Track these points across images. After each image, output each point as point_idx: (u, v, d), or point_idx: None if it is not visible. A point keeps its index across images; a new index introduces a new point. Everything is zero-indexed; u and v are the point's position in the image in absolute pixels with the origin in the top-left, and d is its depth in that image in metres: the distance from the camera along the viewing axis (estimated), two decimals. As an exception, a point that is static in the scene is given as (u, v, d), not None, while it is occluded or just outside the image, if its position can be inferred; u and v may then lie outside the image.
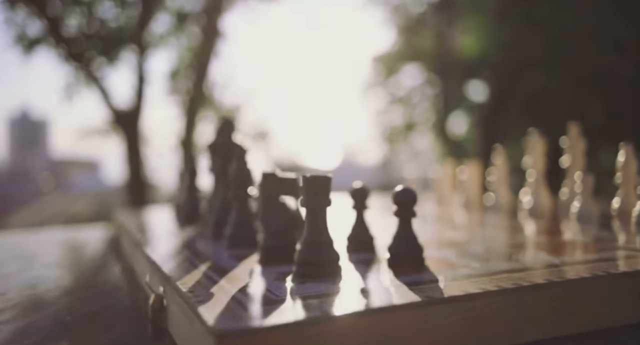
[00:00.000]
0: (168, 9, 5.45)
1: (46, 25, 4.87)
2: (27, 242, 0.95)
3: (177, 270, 0.44)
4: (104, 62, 5.18)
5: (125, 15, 5.33)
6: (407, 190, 0.47)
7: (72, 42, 5.00)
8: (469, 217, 0.87)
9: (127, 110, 5.22)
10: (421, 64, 5.87)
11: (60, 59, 5.11)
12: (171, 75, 5.68)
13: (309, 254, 0.42)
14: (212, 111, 5.66)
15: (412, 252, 0.46)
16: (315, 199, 0.42)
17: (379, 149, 7.07)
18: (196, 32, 5.50)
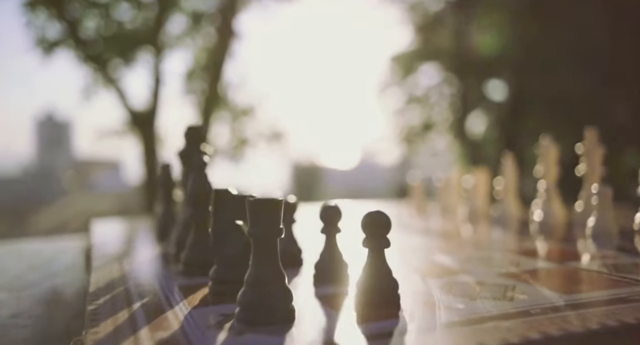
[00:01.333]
0: (183, 9, 5.43)
1: (65, 27, 4.90)
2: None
3: (101, 311, 0.38)
4: (120, 64, 5.20)
5: (142, 17, 5.34)
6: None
7: (90, 44, 5.02)
8: (470, 233, 0.78)
9: (143, 111, 5.23)
10: (439, 63, 5.73)
11: (79, 61, 5.14)
12: (187, 75, 5.67)
13: (252, 295, 0.35)
14: (226, 111, 5.63)
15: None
16: (262, 227, 0.35)
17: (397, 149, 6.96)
18: (211, 33, 5.48)
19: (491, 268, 0.51)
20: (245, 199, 0.44)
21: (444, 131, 6.05)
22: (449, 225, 0.87)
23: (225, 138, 5.67)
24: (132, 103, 5.23)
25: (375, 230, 0.39)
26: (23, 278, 0.68)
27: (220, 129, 5.62)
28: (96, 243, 0.70)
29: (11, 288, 0.63)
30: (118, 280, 0.48)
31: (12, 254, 0.87)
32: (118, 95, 5.22)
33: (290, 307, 0.36)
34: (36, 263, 0.78)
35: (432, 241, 0.71)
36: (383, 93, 6.47)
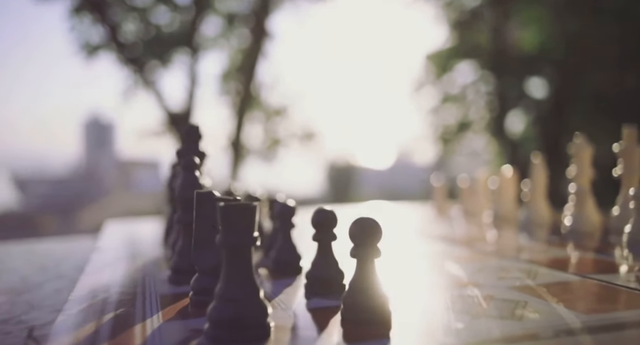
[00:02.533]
0: (218, 11, 5.50)
1: (107, 31, 5.04)
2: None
3: (69, 322, 0.35)
4: (158, 65, 5.31)
5: (179, 20, 5.43)
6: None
7: (129, 47, 5.15)
8: (490, 239, 0.73)
9: (179, 111, 5.32)
10: (475, 60, 5.57)
11: (120, 64, 5.28)
12: (222, 76, 5.73)
13: (221, 310, 0.32)
14: (259, 112, 5.66)
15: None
16: (234, 235, 0.32)
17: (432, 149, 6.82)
18: (245, 34, 5.52)
19: (505, 280, 0.47)
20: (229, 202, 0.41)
21: (480, 130, 5.89)
22: (470, 230, 0.82)
23: (258, 138, 5.70)
24: (169, 104, 5.33)
25: (364, 238, 0.36)
26: (27, 280, 0.68)
27: (253, 129, 5.65)
28: (101, 245, 0.69)
29: (12, 291, 0.62)
30: (104, 287, 0.46)
31: (26, 254, 0.87)
32: (156, 97, 5.33)
33: (264, 324, 0.33)
34: (46, 264, 0.78)
35: (446, 247, 0.66)
36: (418, 92, 6.36)
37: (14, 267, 0.76)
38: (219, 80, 5.72)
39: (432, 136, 6.48)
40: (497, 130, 5.34)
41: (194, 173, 0.48)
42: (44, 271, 0.73)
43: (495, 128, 5.38)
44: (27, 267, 0.75)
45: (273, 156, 5.75)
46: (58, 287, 0.64)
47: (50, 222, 9.29)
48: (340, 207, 1.31)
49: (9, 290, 0.63)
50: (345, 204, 2.25)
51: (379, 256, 0.36)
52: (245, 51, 5.45)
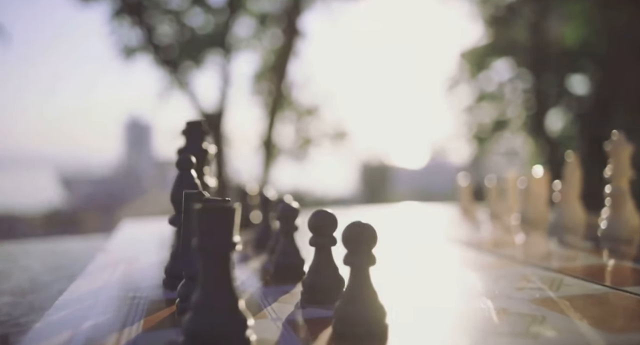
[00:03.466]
0: (251, 11, 5.53)
1: (144, 34, 5.15)
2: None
3: (45, 330, 0.34)
4: (192, 66, 5.38)
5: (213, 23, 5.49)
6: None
7: (164, 49, 5.24)
8: (515, 244, 0.68)
9: (213, 112, 5.38)
10: (512, 57, 5.41)
11: (155, 65, 5.38)
12: (255, 76, 5.77)
13: (197, 321, 0.29)
14: (291, 111, 5.66)
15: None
16: (211, 240, 0.29)
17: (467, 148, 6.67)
18: (277, 34, 5.53)
19: (523, 291, 0.42)
20: (219, 204, 0.38)
21: (517, 129, 5.72)
22: (495, 233, 0.77)
23: (289, 138, 5.71)
24: (202, 104, 5.40)
25: (357, 245, 0.32)
26: (36, 280, 0.67)
27: (285, 129, 5.66)
28: (108, 246, 0.68)
29: (18, 291, 0.61)
30: (95, 290, 0.44)
31: (43, 253, 0.87)
32: (189, 97, 5.41)
33: (242, 338, 0.30)
34: (60, 264, 0.77)
35: (465, 252, 0.62)
36: (452, 90, 6.23)
37: (27, 267, 0.76)
38: (251, 80, 5.75)
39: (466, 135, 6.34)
40: (535, 129, 5.17)
41: (189, 172, 0.45)
42: (55, 271, 0.72)
43: (532, 127, 5.20)
44: (39, 267, 0.75)
45: (304, 156, 5.74)
46: (64, 289, 0.63)
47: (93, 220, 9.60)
48: (372, 208, 1.28)
49: (16, 290, 0.62)
50: (378, 204, 2.21)
51: (374, 264, 0.33)
52: (277, 51, 5.46)
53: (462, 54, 6.06)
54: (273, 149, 5.39)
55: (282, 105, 5.49)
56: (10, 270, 0.74)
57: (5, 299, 0.58)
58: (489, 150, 6.33)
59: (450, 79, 6.15)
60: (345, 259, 0.33)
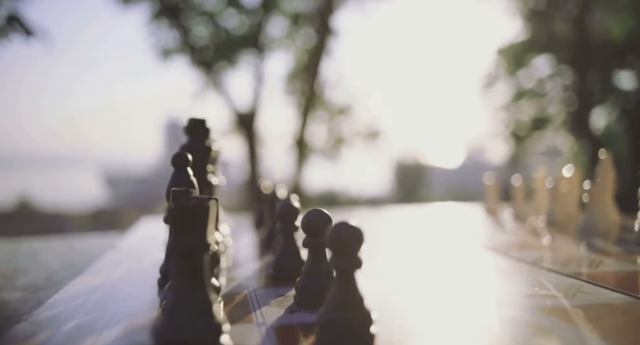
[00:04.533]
0: (284, 11, 5.55)
1: (181, 35, 5.25)
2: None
3: (18, 336, 0.33)
4: (226, 66, 5.45)
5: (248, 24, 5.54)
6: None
7: (200, 50, 5.33)
8: (536, 247, 0.64)
9: (246, 111, 5.44)
10: (552, 53, 5.22)
11: (191, 66, 5.48)
12: (288, 76, 5.79)
13: (169, 325, 0.28)
14: (323, 110, 5.64)
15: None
16: (180, 241, 0.28)
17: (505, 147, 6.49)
18: (310, 33, 5.53)
19: (534, 298, 0.39)
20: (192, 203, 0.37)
21: (558, 127, 5.52)
22: (516, 235, 0.73)
23: (322, 137, 5.70)
24: (236, 104, 5.47)
25: (343, 247, 0.30)
26: (51, 276, 0.68)
27: (317, 128, 5.66)
28: (121, 243, 0.68)
29: (30, 287, 0.62)
30: (90, 290, 0.44)
31: (65, 250, 0.89)
32: (224, 97, 5.48)
33: (216, 342, 0.28)
34: (76, 260, 0.78)
35: (479, 255, 0.59)
36: (489, 87, 6.07)
37: (46, 263, 0.77)
38: (284, 80, 5.78)
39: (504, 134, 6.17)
40: (577, 127, 4.97)
41: (185, 169, 0.44)
42: (71, 268, 0.73)
43: (574, 125, 5.01)
44: (57, 264, 0.76)
45: (337, 155, 5.72)
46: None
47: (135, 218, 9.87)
48: (403, 208, 1.25)
49: (29, 286, 0.63)
50: (413, 204, 2.16)
51: (360, 267, 0.30)
52: (310, 50, 5.46)
53: (499, 50, 5.90)
54: (305, 148, 5.39)
55: (314, 105, 5.48)
56: (27, 267, 0.76)
57: (17, 295, 0.59)
58: (528, 149, 6.14)
59: (487, 76, 6.00)
60: (330, 262, 0.31)
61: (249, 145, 5.48)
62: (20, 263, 0.80)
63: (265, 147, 5.64)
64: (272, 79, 6.60)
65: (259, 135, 5.49)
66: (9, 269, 0.74)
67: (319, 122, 5.68)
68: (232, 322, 0.34)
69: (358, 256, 0.30)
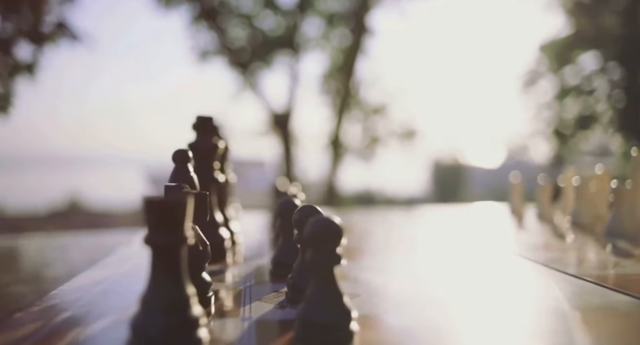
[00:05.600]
0: (319, 11, 5.56)
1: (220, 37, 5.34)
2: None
3: (15, 324, 0.34)
4: (262, 67, 5.51)
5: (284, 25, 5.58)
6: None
7: (237, 52, 5.42)
8: (557, 248, 0.61)
9: (282, 112, 5.48)
10: (599, 49, 5.01)
11: (228, 67, 5.57)
12: (323, 76, 5.79)
13: (144, 319, 0.28)
14: (358, 110, 5.62)
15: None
16: (155, 235, 0.28)
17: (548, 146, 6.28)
18: (345, 33, 5.52)
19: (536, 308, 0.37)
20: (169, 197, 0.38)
21: (605, 126, 5.29)
22: (538, 236, 0.70)
23: (357, 137, 5.68)
24: (272, 104, 5.52)
25: (321, 243, 0.30)
26: (72, 270, 0.70)
27: (352, 128, 5.64)
28: (135, 239, 0.70)
29: (50, 281, 0.64)
30: (91, 284, 0.45)
31: (92, 244, 0.92)
32: (259, 98, 5.55)
33: (192, 336, 0.28)
34: (98, 256, 0.81)
35: (494, 254, 0.57)
36: (530, 85, 5.89)
37: (70, 258, 0.80)
38: (320, 79, 5.79)
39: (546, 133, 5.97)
40: (625, 126, 4.76)
41: (185, 166, 0.45)
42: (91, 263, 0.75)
43: (622, 123, 4.79)
44: (81, 258, 0.79)
45: (372, 155, 5.69)
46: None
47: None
48: (437, 207, 1.23)
49: (49, 280, 0.65)
50: (451, 204, 2.13)
51: (339, 263, 0.30)
52: (346, 50, 5.45)
53: (542, 46, 5.72)
54: (340, 148, 5.38)
55: (349, 104, 5.47)
56: (53, 261, 0.79)
57: (20, 288, 0.61)
58: (573, 149, 5.92)
59: (528, 73, 5.82)
60: (308, 258, 0.30)
61: (284, 145, 5.52)
62: (50, 256, 0.84)
63: (300, 147, 5.67)
64: (308, 79, 6.61)
65: (294, 135, 5.52)
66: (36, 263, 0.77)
67: (354, 121, 5.66)
68: (219, 317, 0.35)
69: (337, 252, 0.30)
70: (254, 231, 0.80)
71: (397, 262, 0.54)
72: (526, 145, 7.24)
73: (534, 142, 6.66)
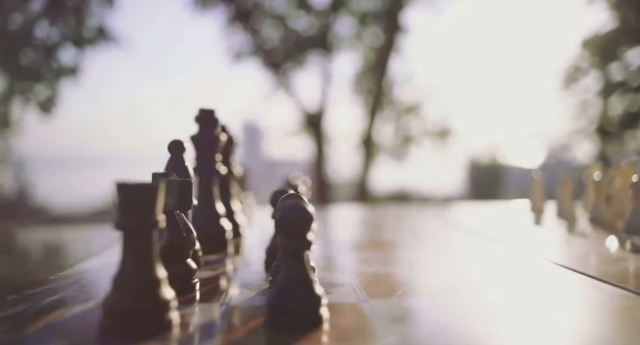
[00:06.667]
0: (352, 10, 5.55)
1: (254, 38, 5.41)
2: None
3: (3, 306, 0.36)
4: (294, 67, 5.54)
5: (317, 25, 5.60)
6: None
7: (270, 52, 5.47)
8: (570, 245, 0.59)
9: (314, 111, 5.49)
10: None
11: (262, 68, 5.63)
12: (356, 75, 5.77)
13: (116, 300, 0.29)
14: (391, 109, 5.57)
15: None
16: (126, 218, 0.29)
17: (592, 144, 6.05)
18: (378, 32, 5.49)
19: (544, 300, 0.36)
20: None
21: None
22: (555, 234, 0.67)
23: (389, 136, 5.62)
24: (305, 104, 5.54)
25: (290, 228, 0.30)
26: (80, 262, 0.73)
27: (384, 127, 5.59)
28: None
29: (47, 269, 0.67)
30: (88, 271, 0.46)
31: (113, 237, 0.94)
32: (293, 97, 5.58)
33: (161, 317, 0.29)
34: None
35: (503, 253, 0.55)
36: (572, 82, 5.69)
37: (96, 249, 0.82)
38: (352, 79, 5.77)
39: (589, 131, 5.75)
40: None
41: (180, 156, 0.46)
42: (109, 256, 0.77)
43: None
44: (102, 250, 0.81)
45: (404, 154, 5.62)
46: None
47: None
48: (476, 205, 1.21)
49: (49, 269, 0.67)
50: (487, 202, 2.09)
51: (309, 249, 0.30)
52: (378, 49, 5.42)
53: (584, 41, 5.51)
54: (373, 147, 5.35)
55: (382, 103, 5.43)
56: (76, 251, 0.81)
57: (38, 275, 0.64)
58: (618, 147, 5.68)
59: (569, 69, 5.62)
60: (279, 244, 0.30)
61: (317, 144, 5.53)
62: (72, 248, 0.86)
63: (332, 147, 5.66)
64: (340, 79, 6.60)
65: (326, 135, 5.53)
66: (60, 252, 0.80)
67: (387, 120, 5.61)
68: (201, 301, 0.35)
69: (307, 237, 0.30)
70: (266, 224, 0.80)
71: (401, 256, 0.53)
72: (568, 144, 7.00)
73: (577, 140, 6.43)
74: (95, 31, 4.40)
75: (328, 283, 0.40)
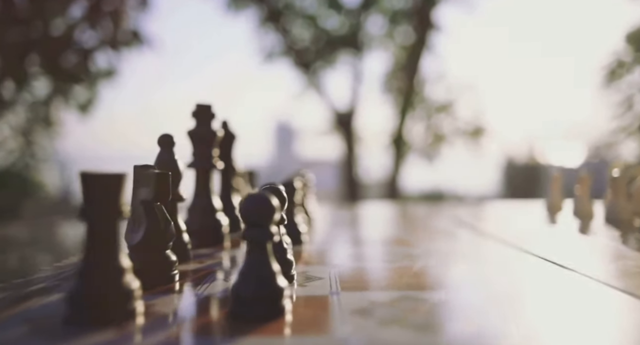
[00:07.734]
0: (383, 9, 5.50)
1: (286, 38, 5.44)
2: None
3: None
4: (325, 66, 5.54)
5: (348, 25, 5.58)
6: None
7: (301, 52, 5.49)
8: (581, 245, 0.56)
9: (345, 111, 5.48)
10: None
11: (293, 68, 5.66)
12: (386, 74, 5.72)
13: (78, 288, 0.29)
14: (422, 108, 5.49)
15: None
16: (89, 208, 0.29)
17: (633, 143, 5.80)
18: (409, 31, 5.42)
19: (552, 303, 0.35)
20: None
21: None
22: (568, 233, 0.65)
23: (420, 135, 5.55)
24: (335, 104, 5.53)
25: (253, 219, 0.30)
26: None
27: (415, 126, 5.52)
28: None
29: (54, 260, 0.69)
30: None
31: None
32: (323, 97, 5.58)
33: (127, 307, 0.29)
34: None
35: (510, 252, 0.53)
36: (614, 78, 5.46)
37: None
38: (383, 78, 5.72)
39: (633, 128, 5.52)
40: None
41: (170, 150, 0.46)
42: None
43: None
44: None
45: (436, 153, 5.54)
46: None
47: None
48: (506, 204, 1.18)
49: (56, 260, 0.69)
50: (523, 201, 2.04)
51: (272, 239, 0.30)
52: (409, 48, 5.35)
53: (627, 35, 5.28)
54: (404, 146, 5.29)
55: (413, 102, 5.36)
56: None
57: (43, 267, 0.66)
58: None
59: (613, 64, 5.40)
60: (243, 234, 0.30)
61: (347, 144, 5.51)
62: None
63: (363, 146, 5.64)
64: (371, 78, 6.56)
65: (357, 134, 5.50)
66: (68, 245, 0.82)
67: (418, 119, 5.54)
68: (178, 292, 0.35)
69: (269, 229, 0.30)
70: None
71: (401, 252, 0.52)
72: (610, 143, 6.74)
73: (620, 139, 6.18)
74: (130, 34, 4.52)
75: (307, 276, 0.39)
